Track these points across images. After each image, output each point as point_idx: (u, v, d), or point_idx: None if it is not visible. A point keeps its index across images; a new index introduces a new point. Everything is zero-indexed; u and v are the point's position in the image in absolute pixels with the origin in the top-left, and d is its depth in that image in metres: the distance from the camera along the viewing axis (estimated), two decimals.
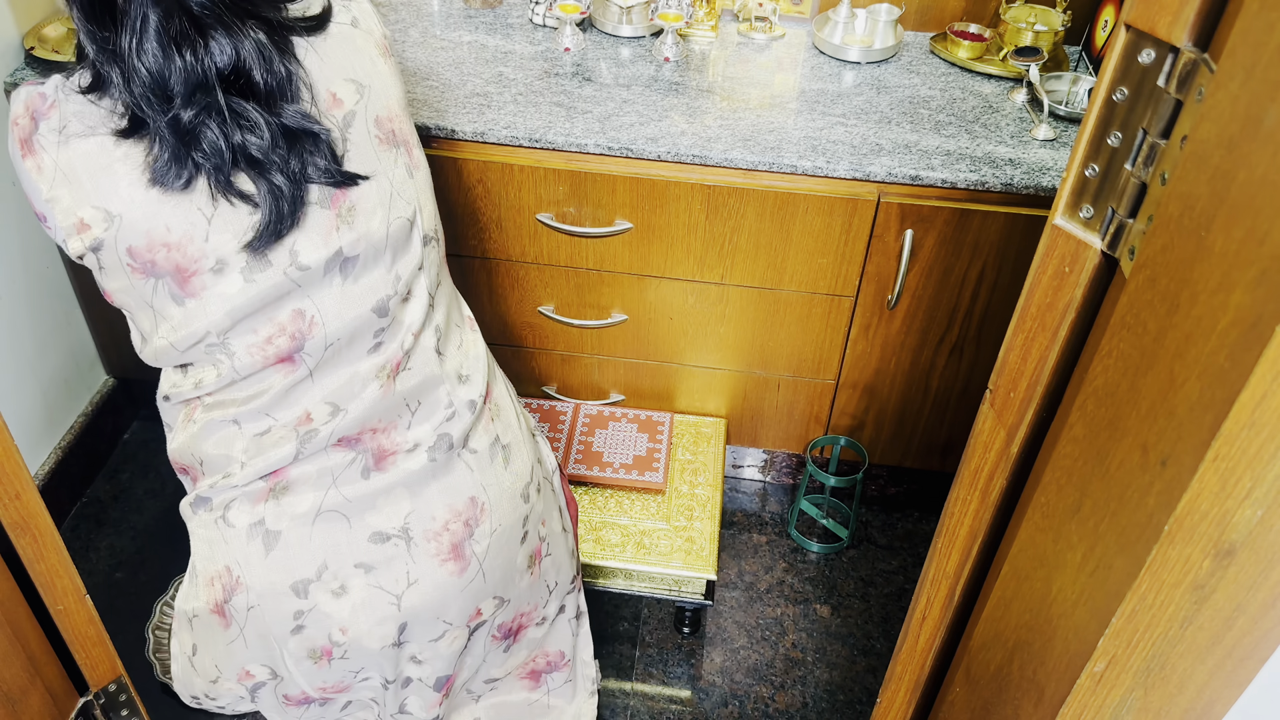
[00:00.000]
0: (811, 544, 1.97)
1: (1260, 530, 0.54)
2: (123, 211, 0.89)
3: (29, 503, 1.04)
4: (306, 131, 0.92)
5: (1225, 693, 0.70)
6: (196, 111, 0.86)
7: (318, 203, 0.95)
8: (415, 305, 1.05)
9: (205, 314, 0.95)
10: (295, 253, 0.95)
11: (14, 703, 1.09)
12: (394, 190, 1.00)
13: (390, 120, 1.00)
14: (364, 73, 0.99)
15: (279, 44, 0.91)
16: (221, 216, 0.91)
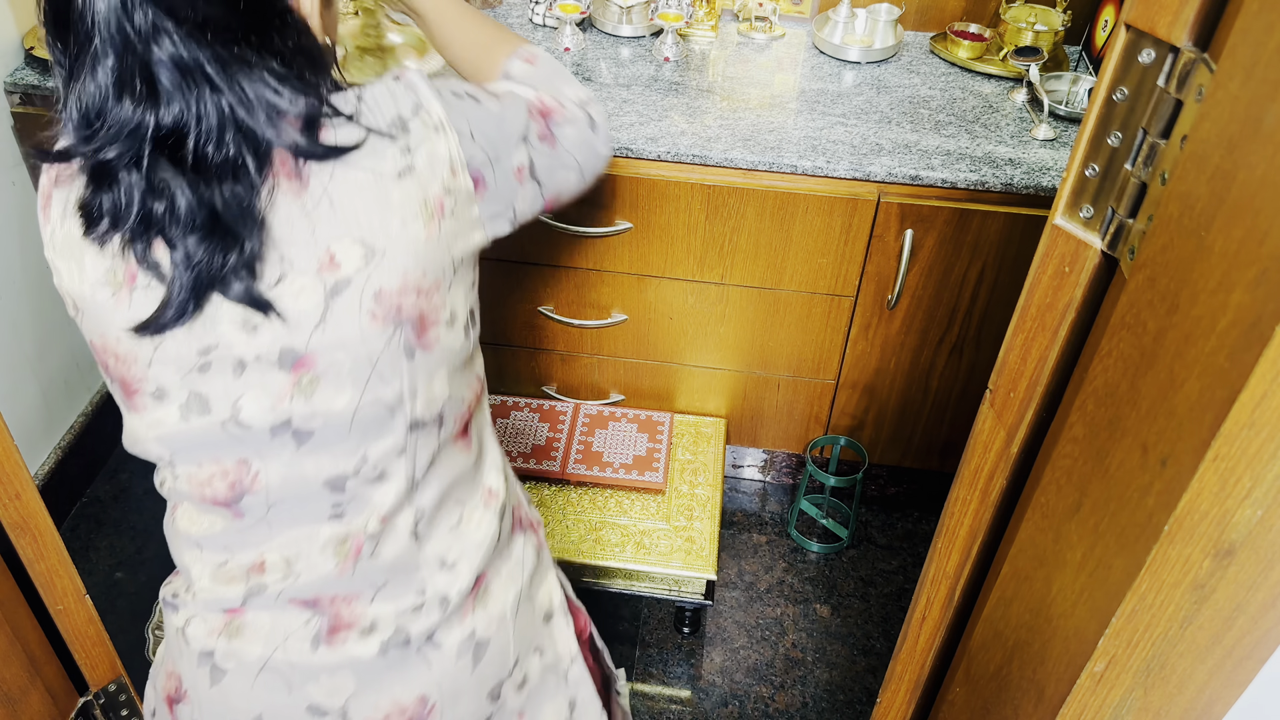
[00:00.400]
0: (811, 544, 1.97)
1: (1260, 530, 0.54)
2: (83, 308, 0.84)
3: (29, 503, 1.04)
4: (232, 230, 0.76)
5: (1225, 692, 0.70)
6: (118, 154, 0.75)
7: (275, 361, 0.81)
8: (388, 488, 0.89)
9: (147, 434, 0.87)
10: (238, 408, 0.83)
11: (14, 702, 1.09)
12: (375, 371, 0.83)
13: (398, 295, 0.81)
14: (382, 235, 0.80)
15: (256, 121, 0.75)
16: (162, 349, 0.82)
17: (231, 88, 0.74)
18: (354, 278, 0.79)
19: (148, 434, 0.87)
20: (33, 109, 1.65)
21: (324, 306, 0.79)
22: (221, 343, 0.81)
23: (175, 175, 0.75)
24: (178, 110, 0.73)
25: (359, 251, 0.79)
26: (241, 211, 0.76)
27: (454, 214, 0.83)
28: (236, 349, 0.81)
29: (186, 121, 0.74)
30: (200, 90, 0.73)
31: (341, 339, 0.81)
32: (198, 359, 0.81)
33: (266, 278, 0.79)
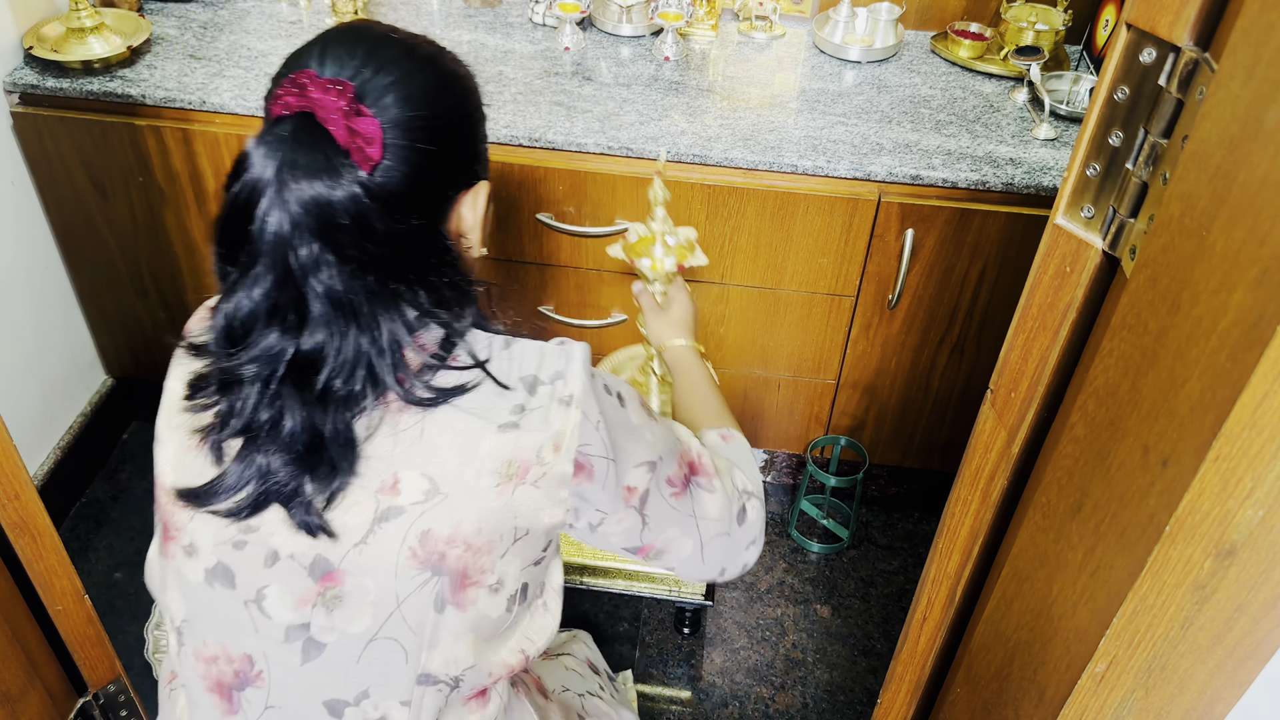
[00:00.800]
0: (812, 544, 1.97)
1: (1261, 530, 0.54)
2: (163, 440, 0.87)
3: (28, 503, 1.04)
4: (331, 459, 0.76)
5: (1226, 693, 0.70)
6: (255, 373, 0.76)
7: (307, 567, 0.79)
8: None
9: (169, 587, 0.86)
10: (262, 595, 0.80)
11: (13, 703, 1.09)
12: (399, 610, 0.79)
13: (445, 543, 0.77)
14: (452, 479, 0.77)
15: (382, 364, 0.75)
16: (210, 499, 0.81)
17: (374, 326, 0.75)
18: (408, 510, 0.77)
19: (173, 583, 0.85)
20: (32, 109, 1.65)
21: (368, 529, 0.77)
22: (263, 528, 0.79)
23: (295, 399, 0.75)
24: (319, 340, 0.74)
25: (423, 486, 0.77)
26: (346, 443, 0.76)
27: (536, 485, 0.79)
28: (274, 540, 0.79)
29: (326, 353, 0.75)
30: (347, 325, 0.74)
31: (375, 566, 0.78)
32: (235, 534, 0.80)
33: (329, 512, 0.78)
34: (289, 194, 0.71)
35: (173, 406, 0.85)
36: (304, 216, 0.71)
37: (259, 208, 0.72)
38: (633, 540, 0.89)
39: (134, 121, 1.63)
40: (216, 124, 1.63)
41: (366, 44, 0.77)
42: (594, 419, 0.81)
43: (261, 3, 1.91)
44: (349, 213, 0.72)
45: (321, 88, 0.72)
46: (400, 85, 0.75)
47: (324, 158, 0.72)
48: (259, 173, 0.72)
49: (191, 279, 1.83)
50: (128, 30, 1.72)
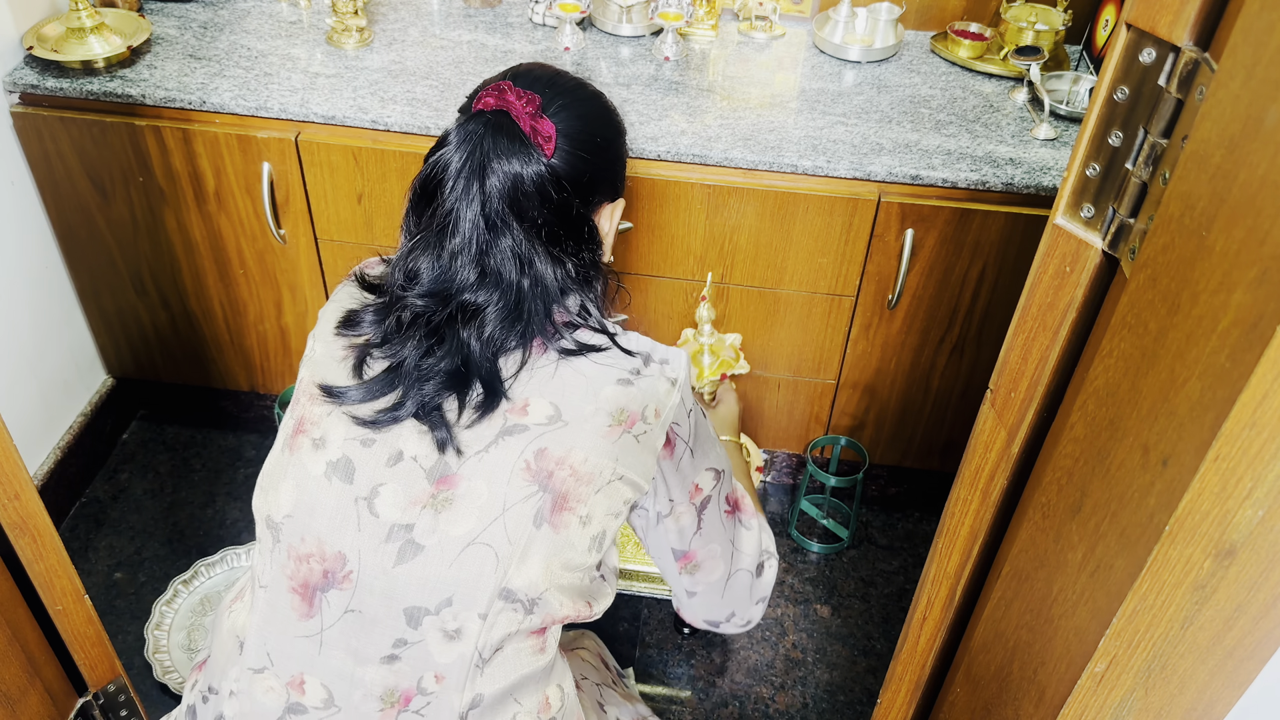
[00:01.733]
0: (812, 544, 1.97)
1: (1261, 530, 0.54)
2: (316, 353, 0.97)
3: (28, 503, 1.04)
4: (489, 385, 0.89)
5: (1226, 693, 0.70)
6: (424, 308, 0.90)
7: (427, 469, 0.88)
8: (455, 650, 0.90)
9: (285, 479, 0.93)
10: (375, 492, 0.89)
11: (13, 703, 1.09)
12: (503, 516, 0.88)
13: (555, 463, 0.88)
14: (574, 410, 0.89)
15: (539, 313, 0.90)
16: (351, 398, 0.91)
17: (537, 278, 0.90)
18: (531, 428, 0.88)
19: (292, 475, 0.93)
20: (32, 109, 1.65)
21: (493, 440, 0.88)
22: (395, 430, 0.89)
23: (453, 334, 0.89)
24: (487, 293, 0.89)
25: (548, 412, 0.89)
26: (492, 376, 0.89)
27: (637, 440, 0.91)
28: (402, 441, 0.89)
29: (492, 298, 0.89)
30: (516, 275, 0.90)
31: (492, 472, 0.88)
32: (367, 432, 0.90)
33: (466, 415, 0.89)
34: (490, 168, 0.88)
35: (329, 321, 0.97)
36: (498, 186, 0.89)
37: (456, 177, 0.89)
38: (685, 542, 1.01)
39: (134, 121, 1.63)
40: (216, 124, 1.63)
41: (549, 74, 0.97)
42: (688, 407, 0.95)
43: (261, 3, 1.91)
44: (534, 184, 0.90)
45: (516, 94, 0.91)
46: (572, 107, 0.95)
47: (519, 143, 0.90)
48: (457, 150, 0.90)
49: (191, 279, 1.83)
50: (128, 30, 1.72)
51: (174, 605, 1.76)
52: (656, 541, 1.01)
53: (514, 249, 0.89)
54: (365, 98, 1.64)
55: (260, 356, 1.95)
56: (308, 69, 1.71)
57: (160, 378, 2.03)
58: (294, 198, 1.69)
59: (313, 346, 0.98)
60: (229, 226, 1.75)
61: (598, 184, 0.97)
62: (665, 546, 1.01)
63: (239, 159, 1.65)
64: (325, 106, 1.61)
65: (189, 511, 1.96)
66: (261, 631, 0.94)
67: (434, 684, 0.91)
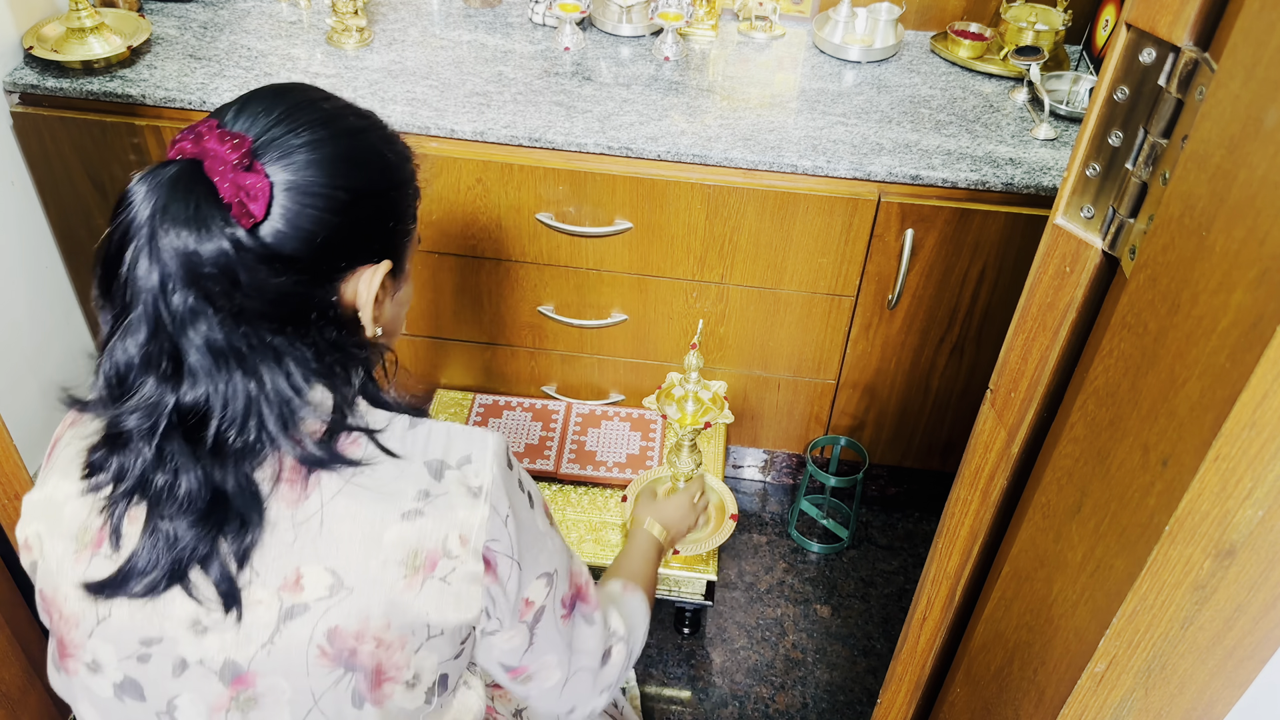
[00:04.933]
0: (812, 544, 1.97)
1: (1261, 531, 0.54)
2: (45, 555, 0.79)
3: None
4: (238, 514, 0.73)
5: (1226, 693, 0.70)
6: (136, 425, 0.73)
7: (216, 671, 0.76)
8: None
9: (79, 700, 0.82)
10: (173, 706, 0.78)
11: (13, 703, 1.09)
12: (317, 706, 0.76)
13: (354, 639, 0.75)
14: (357, 571, 0.74)
15: (272, 416, 0.73)
16: (105, 625, 0.77)
17: (257, 376, 0.72)
18: (313, 606, 0.74)
19: (82, 697, 0.81)
20: (32, 109, 1.65)
21: (274, 628, 0.74)
22: (166, 638, 0.76)
23: (187, 455, 0.72)
24: (202, 392, 0.72)
25: (327, 581, 0.74)
26: (250, 495, 0.73)
27: (445, 581, 0.76)
28: (180, 648, 0.76)
29: (212, 404, 0.72)
30: (230, 374, 0.72)
31: (286, 667, 0.75)
32: (138, 648, 0.77)
33: (240, 578, 0.74)
34: (160, 240, 0.70)
35: (57, 490, 0.79)
36: (173, 264, 0.70)
37: (129, 250, 0.71)
38: (514, 659, 0.87)
39: (134, 121, 1.63)
40: None
41: (287, 104, 0.78)
42: (503, 514, 0.79)
43: (261, 3, 1.91)
44: (216, 264, 0.70)
45: (219, 139, 0.72)
46: (306, 149, 0.75)
47: (194, 208, 0.70)
48: (134, 215, 0.71)
49: None
50: (128, 30, 1.72)
51: None
52: (482, 655, 0.87)
53: (210, 342, 0.71)
54: (365, 98, 1.64)
55: None
56: (308, 69, 1.71)
57: None
58: None
59: (39, 539, 0.79)
60: None
61: (343, 247, 0.77)
62: (493, 660, 0.87)
63: None
64: None
65: None
66: None
67: None
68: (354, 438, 0.76)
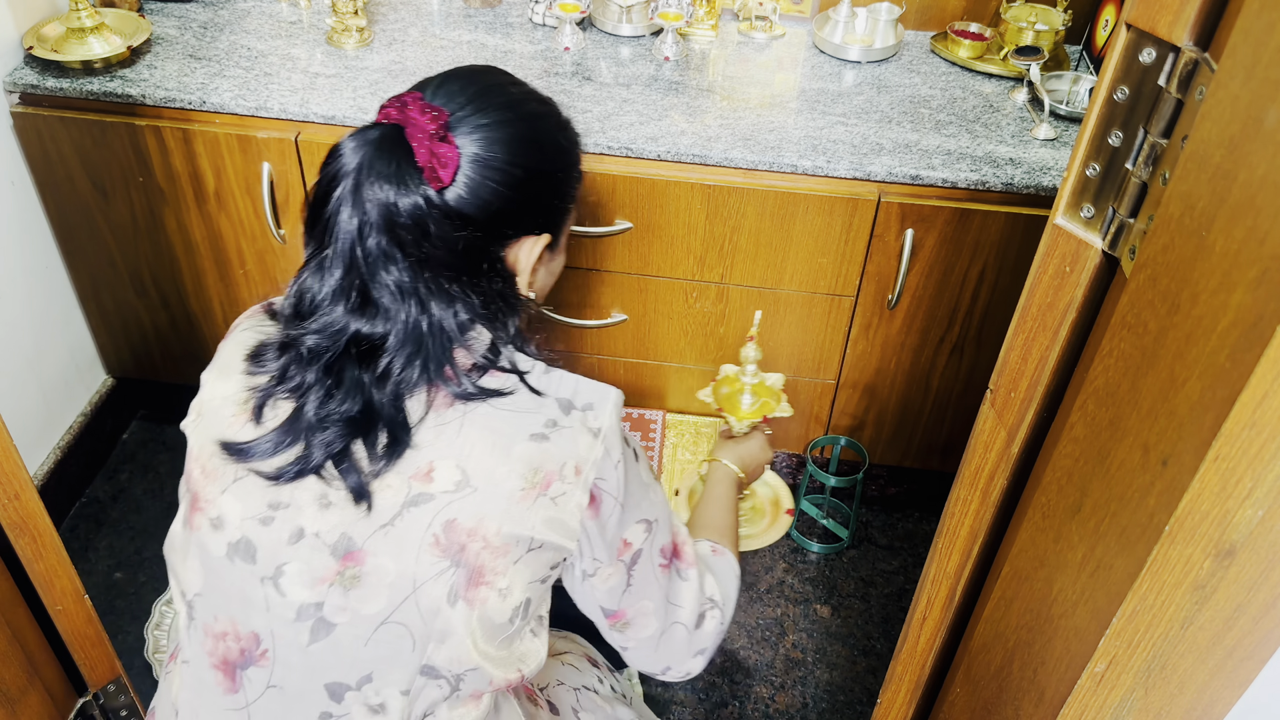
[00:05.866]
0: (812, 544, 1.97)
1: (1261, 530, 0.54)
2: (205, 413, 0.88)
3: (28, 503, 1.04)
4: (387, 430, 0.81)
5: (1226, 693, 0.70)
6: (315, 344, 0.83)
7: (330, 545, 0.82)
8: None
9: (189, 557, 0.88)
10: (280, 572, 0.83)
11: (13, 703, 1.09)
12: (414, 594, 0.82)
13: (467, 535, 0.81)
14: (484, 474, 0.81)
15: (437, 351, 0.82)
16: (240, 484, 0.84)
17: (429, 316, 0.82)
18: (437, 497, 0.81)
19: (195, 554, 0.87)
20: (32, 109, 1.65)
21: (397, 512, 0.81)
22: (293, 505, 0.83)
23: (353, 374, 0.82)
24: (381, 325, 0.82)
25: (455, 477, 0.81)
26: (399, 419, 0.82)
27: (555, 502, 0.83)
28: (302, 518, 0.83)
29: (387, 336, 0.82)
30: (409, 311, 0.81)
31: (398, 549, 0.81)
32: (264, 510, 0.83)
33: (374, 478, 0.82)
34: (364, 192, 0.80)
35: (227, 366, 0.88)
36: (374, 213, 0.80)
37: (334, 196, 0.81)
38: (614, 600, 0.93)
39: (134, 121, 1.63)
40: (216, 124, 1.63)
41: (479, 86, 0.87)
42: (615, 458, 0.86)
43: (261, 3, 1.91)
44: (410, 216, 0.80)
45: (420, 109, 0.82)
46: (495, 128, 0.85)
47: (395, 166, 0.80)
48: (341, 166, 0.81)
49: (191, 279, 1.83)
50: (128, 30, 1.72)
51: (174, 606, 1.76)
52: (584, 598, 0.94)
53: (399, 283, 0.81)
54: (365, 98, 1.64)
55: None
56: (308, 69, 1.71)
57: (160, 378, 2.03)
58: (294, 198, 1.69)
59: (200, 401, 0.90)
60: (229, 227, 1.75)
61: (513, 217, 0.87)
62: (593, 604, 0.94)
63: (239, 159, 1.65)
64: (325, 106, 1.61)
65: None
66: (191, 705, 0.91)
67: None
68: (498, 375, 0.85)
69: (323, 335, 0.82)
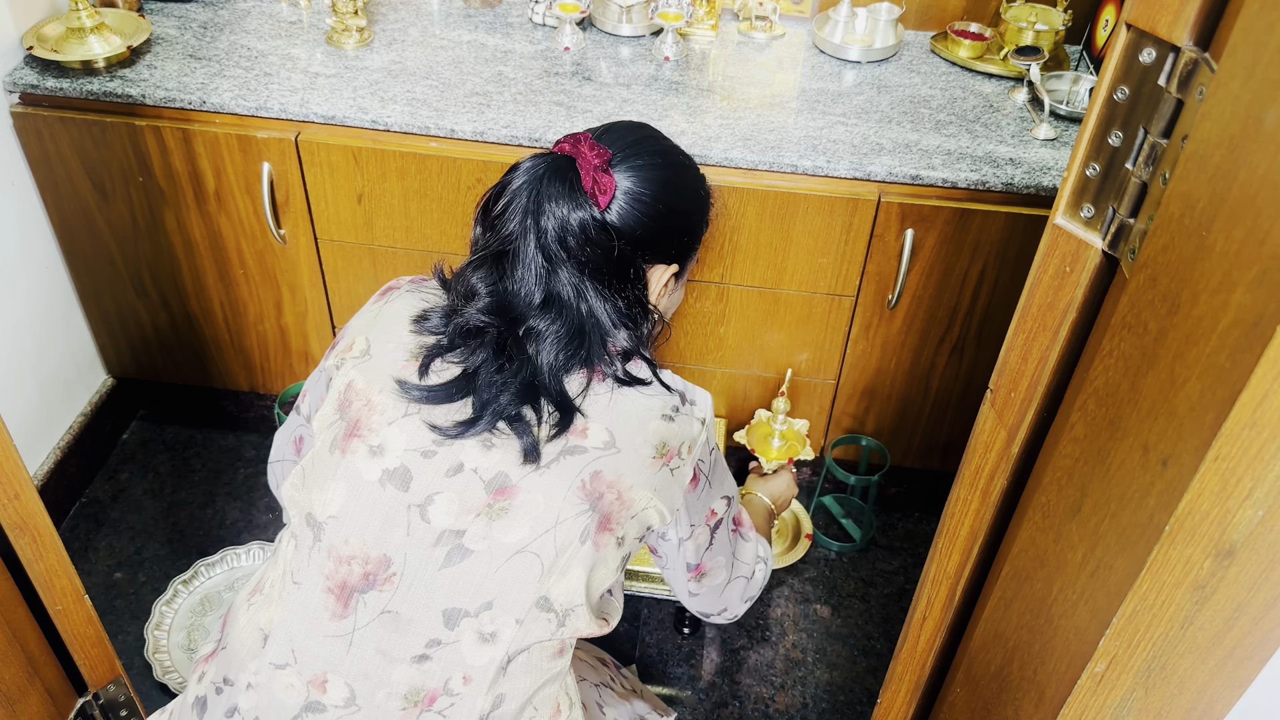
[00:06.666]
0: (832, 544, 1.97)
1: (1261, 530, 0.54)
2: (376, 355, 0.98)
3: (28, 503, 1.04)
4: (561, 405, 0.94)
5: (1226, 693, 0.70)
6: (484, 324, 0.95)
7: (486, 481, 0.92)
8: (487, 653, 0.94)
9: (334, 479, 0.95)
10: (430, 500, 0.92)
11: (13, 703, 1.09)
12: (554, 529, 0.92)
13: (607, 486, 0.94)
14: (627, 438, 0.95)
15: (595, 340, 0.96)
16: (409, 419, 0.94)
17: (593, 310, 0.97)
18: (589, 450, 0.94)
19: (343, 477, 0.95)
20: (32, 109, 1.65)
21: (555, 457, 0.93)
22: (458, 444, 0.93)
23: (521, 354, 0.95)
24: (550, 318, 0.95)
25: (604, 437, 0.94)
26: (561, 394, 0.94)
27: (672, 474, 0.98)
28: (464, 455, 0.93)
29: (554, 324, 0.95)
30: (576, 305, 0.96)
31: (550, 487, 0.92)
32: (429, 444, 0.94)
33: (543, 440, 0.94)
34: (543, 206, 0.95)
35: (396, 319, 1.00)
36: (550, 224, 0.95)
37: (512, 206, 0.96)
38: (699, 556, 1.08)
39: (134, 121, 1.63)
40: (216, 124, 1.63)
41: (639, 135, 1.03)
42: (710, 445, 1.03)
43: (261, 3, 1.91)
44: (580, 228, 0.95)
45: (589, 146, 0.98)
46: (646, 170, 1.00)
47: (570, 188, 0.95)
48: (519, 180, 0.97)
49: (192, 279, 1.83)
50: (128, 30, 1.72)
51: (174, 605, 1.76)
52: (673, 558, 1.08)
53: (569, 281, 0.96)
54: (365, 98, 1.64)
55: (260, 356, 1.95)
56: (308, 69, 1.71)
57: (160, 378, 2.03)
58: (294, 198, 1.69)
59: (366, 342, 1.00)
60: (229, 226, 1.75)
61: (652, 244, 1.02)
62: (681, 562, 1.09)
63: (239, 159, 1.65)
64: (325, 106, 1.61)
65: (189, 511, 1.96)
66: (288, 627, 0.95)
67: (461, 685, 0.94)
68: (639, 366, 0.99)
69: (495, 316, 0.95)
